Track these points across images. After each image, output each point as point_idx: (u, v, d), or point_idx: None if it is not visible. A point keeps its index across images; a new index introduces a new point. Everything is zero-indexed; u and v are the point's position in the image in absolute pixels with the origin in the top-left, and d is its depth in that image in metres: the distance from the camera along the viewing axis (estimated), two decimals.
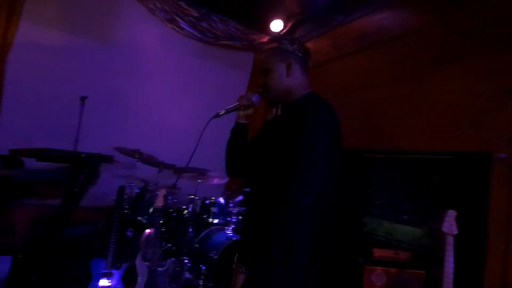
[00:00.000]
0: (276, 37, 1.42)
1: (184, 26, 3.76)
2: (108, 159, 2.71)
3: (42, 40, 3.08)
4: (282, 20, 4.18)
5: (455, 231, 2.02)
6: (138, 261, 2.23)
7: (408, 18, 2.97)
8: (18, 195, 2.85)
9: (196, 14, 3.81)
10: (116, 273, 2.20)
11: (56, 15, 3.13)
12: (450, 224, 2.05)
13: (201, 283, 2.46)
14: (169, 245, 2.68)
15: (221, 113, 1.41)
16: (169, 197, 2.89)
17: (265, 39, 4.30)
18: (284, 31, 4.31)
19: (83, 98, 2.28)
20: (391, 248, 2.38)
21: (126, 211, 2.77)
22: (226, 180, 3.35)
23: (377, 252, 2.28)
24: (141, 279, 2.18)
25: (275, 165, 1.14)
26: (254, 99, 1.33)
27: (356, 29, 3.46)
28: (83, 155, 2.39)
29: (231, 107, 1.40)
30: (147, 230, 2.69)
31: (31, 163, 2.84)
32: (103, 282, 2.12)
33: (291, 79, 1.30)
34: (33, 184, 2.80)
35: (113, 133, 3.34)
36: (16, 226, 2.89)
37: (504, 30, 2.23)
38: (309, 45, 4.08)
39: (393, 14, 3.10)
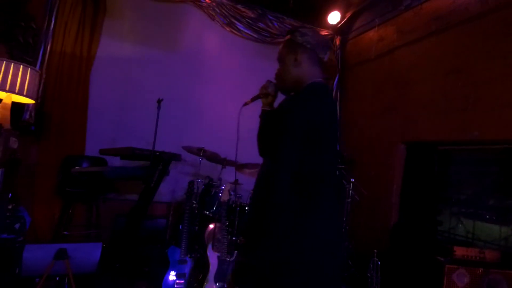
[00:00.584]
0: (291, 29, 1.43)
1: (241, 28, 3.88)
2: (177, 157, 2.93)
3: (120, 52, 3.45)
4: (339, 11, 4.07)
5: None
6: (209, 252, 2.37)
7: None
8: (102, 191, 3.23)
9: (252, 15, 3.91)
10: (190, 261, 2.36)
11: (130, 29, 3.50)
12: None
13: None
14: (234, 238, 2.78)
15: (248, 102, 1.47)
16: (232, 192, 2.99)
17: (322, 33, 4.21)
18: (342, 22, 4.19)
19: (159, 101, 2.49)
20: (475, 247, 2.12)
21: (194, 205, 2.94)
22: None
23: (459, 251, 2.06)
24: (212, 268, 2.30)
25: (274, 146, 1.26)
26: (269, 89, 1.36)
27: (427, 11, 3.19)
28: (157, 153, 2.61)
29: (255, 96, 1.44)
30: (211, 226, 2.83)
31: (115, 163, 3.23)
32: (179, 269, 2.29)
33: (297, 69, 1.34)
34: (119, 179, 3.14)
35: (181, 133, 3.59)
36: (102, 218, 3.27)
37: None
38: (371, 34, 3.89)
39: None
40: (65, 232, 2.83)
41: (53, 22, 3.08)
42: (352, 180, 3.20)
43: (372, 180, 3.43)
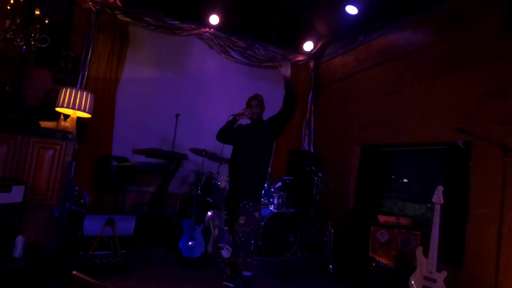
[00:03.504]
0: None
1: (234, 55, 4.87)
2: (185, 157, 3.86)
3: (139, 74, 4.39)
4: (312, 41, 5.09)
5: (442, 201, 2.71)
6: (212, 223, 3.30)
7: (414, 38, 3.66)
8: (126, 183, 4.12)
9: (243, 45, 4.91)
10: (198, 229, 3.27)
11: (148, 57, 4.45)
12: (438, 196, 2.74)
13: (253, 242, 3.47)
14: (228, 217, 3.72)
15: (235, 115, 2.63)
16: (227, 184, 3.91)
17: (299, 58, 5.22)
18: (315, 50, 5.21)
19: (177, 115, 3.42)
20: (395, 215, 3.11)
21: (199, 192, 3.85)
22: (269, 170, 4.33)
23: (382, 218, 3.04)
24: (213, 234, 3.24)
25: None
26: (245, 113, 2.59)
27: (375, 47, 4.22)
28: (172, 153, 3.54)
29: (237, 114, 2.60)
30: (209, 213, 3.73)
31: (134, 161, 4.13)
32: (191, 234, 3.21)
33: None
34: (146, 172, 4.05)
35: (187, 137, 4.50)
36: (126, 205, 4.17)
37: (486, 48, 2.85)
38: (337, 60, 4.92)
39: (403, 35, 3.82)
40: None
41: (90, 53, 4.01)
42: (320, 174, 4.17)
43: (336, 175, 4.40)
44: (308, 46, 5.09)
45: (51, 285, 2.34)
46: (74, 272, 1.52)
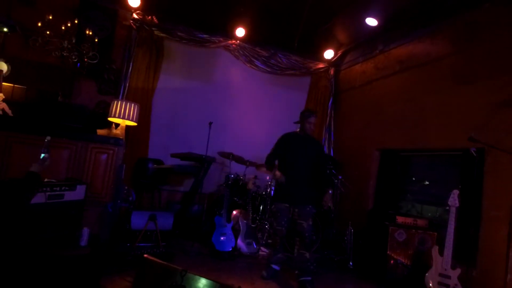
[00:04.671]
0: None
1: (258, 64, 5.20)
2: (214, 159, 4.22)
3: (173, 84, 4.81)
4: (333, 49, 5.34)
5: (457, 204, 2.91)
6: (240, 221, 3.64)
7: (432, 49, 3.85)
8: (161, 183, 4.54)
9: (266, 54, 5.23)
10: (228, 226, 3.62)
11: (180, 68, 4.86)
12: (453, 199, 2.94)
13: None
14: (254, 215, 4.04)
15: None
16: (253, 183, 4.25)
17: (320, 65, 5.49)
18: (335, 58, 5.45)
19: (210, 123, 3.80)
20: (412, 217, 3.32)
21: (228, 192, 4.20)
22: None
23: (400, 219, 3.27)
24: (242, 230, 3.58)
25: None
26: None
27: (394, 56, 4.43)
28: (204, 156, 3.90)
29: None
30: (234, 212, 4.06)
31: (167, 163, 4.53)
32: (222, 230, 3.57)
33: None
34: (181, 173, 4.46)
35: (215, 142, 4.86)
36: (162, 203, 4.58)
37: (499, 60, 3.03)
38: (357, 68, 5.14)
39: (421, 45, 4.02)
40: None
41: (130, 66, 4.46)
42: (340, 177, 4.42)
43: (356, 177, 4.63)
44: (329, 54, 5.34)
45: (109, 270, 2.74)
46: (145, 255, 1.89)
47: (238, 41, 5.03)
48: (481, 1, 3.27)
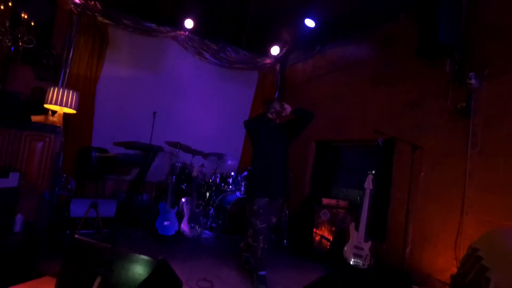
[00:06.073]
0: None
1: (207, 57, 5.34)
2: (161, 149, 4.33)
3: (118, 73, 4.76)
4: (279, 46, 5.66)
5: (371, 187, 3.41)
6: (185, 207, 3.84)
7: (358, 53, 4.33)
8: (106, 172, 4.52)
9: (215, 47, 5.38)
10: (172, 211, 3.79)
11: (127, 56, 4.82)
12: (368, 183, 3.44)
13: (220, 223, 4.05)
14: (200, 201, 4.26)
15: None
16: (199, 172, 4.45)
17: (267, 61, 5.79)
18: (281, 54, 5.79)
19: (154, 113, 3.89)
20: (335, 198, 3.80)
21: (173, 180, 4.35)
22: (236, 161, 4.89)
23: (325, 201, 3.72)
24: (186, 215, 3.78)
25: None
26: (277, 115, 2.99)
27: (328, 57, 4.88)
28: (149, 145, 4.00)
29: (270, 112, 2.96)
30: (183, 199, 4.24)
31: (115, 152, 4.53)
32: (166, 215, 3.73)
33: None
34: (126, 163, 4.47)
35: (163, 131, 4.94)
36: (106, 193, 4.58)
37: (406, 68, 3.56)
38: (299, 66, 5.53)
39: (349, 49, 4.49)
40: None
41: (71, 52, 4.34)
42: None
43: (297, 167, 5.03)
44: (275, 50, 5.64)
45: (44, 254, 2.77)
46: (76, 236, 2.02)
47: (187, 32, 5.10)
48: (399, 11, 3.78)
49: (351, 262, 3.27)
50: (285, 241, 4.07)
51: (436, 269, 2.95)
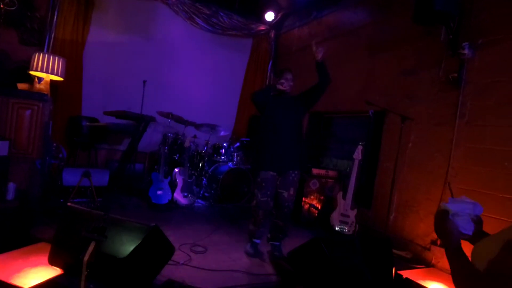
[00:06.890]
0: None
1: (199, 22, 5.13)
2: (153, 119, 4.29)
3: (105, 38, 4.57)
4: (273, 12, 5.44)
5: (360, 157, 3.47)
6: (177, 177, 3.89)
7: (355, 18, 4.20)
8: (98, 141, 4.50)
9: (207, 12, 5.15)
10: (165, 181, 3.86)
11: (115, 20, 4.60)
12: (357, 153, 3.50)
13: (213, 192, 4.15)
14: (193, 171, 4.32)
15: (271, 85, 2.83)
16: (191, 143, 4.46)
17: (261, 27, 5.59)
18: (276, 21, 5.58)
19: (144, 82, 3.79)
20: (325, 169, 3.88)
21: (166, 150, 4.36)
22: (229, 132, 4.89)
23: (315, 171, 3.80)
24: (179, 185, 3.85)
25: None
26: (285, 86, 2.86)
27: (325, 23, 4.72)
28: (140, 115, 3.96)
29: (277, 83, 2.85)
30: (176, 169, 4.28)
31: (104, 121, 4.48)
32: (159, 185, 3.80)
33: None
34: (117, 132, 4.44)
35: (154, 101, 4.85)
36: (98, 162, 4.60)
37: (402, 34, 3.47)
38: (294, 32, 5.36)
39: (346, 14, 4.34)
40: None
41: (56, 15, 4.12)
42: None
43: None
44: (270, 16, 5.44)
45: (39, 221, 2.84)
46: (69, 204, 2.06)
47: None
48: None
49: (337, 228, 3.42)
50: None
51: (417, 235, 3.11)
